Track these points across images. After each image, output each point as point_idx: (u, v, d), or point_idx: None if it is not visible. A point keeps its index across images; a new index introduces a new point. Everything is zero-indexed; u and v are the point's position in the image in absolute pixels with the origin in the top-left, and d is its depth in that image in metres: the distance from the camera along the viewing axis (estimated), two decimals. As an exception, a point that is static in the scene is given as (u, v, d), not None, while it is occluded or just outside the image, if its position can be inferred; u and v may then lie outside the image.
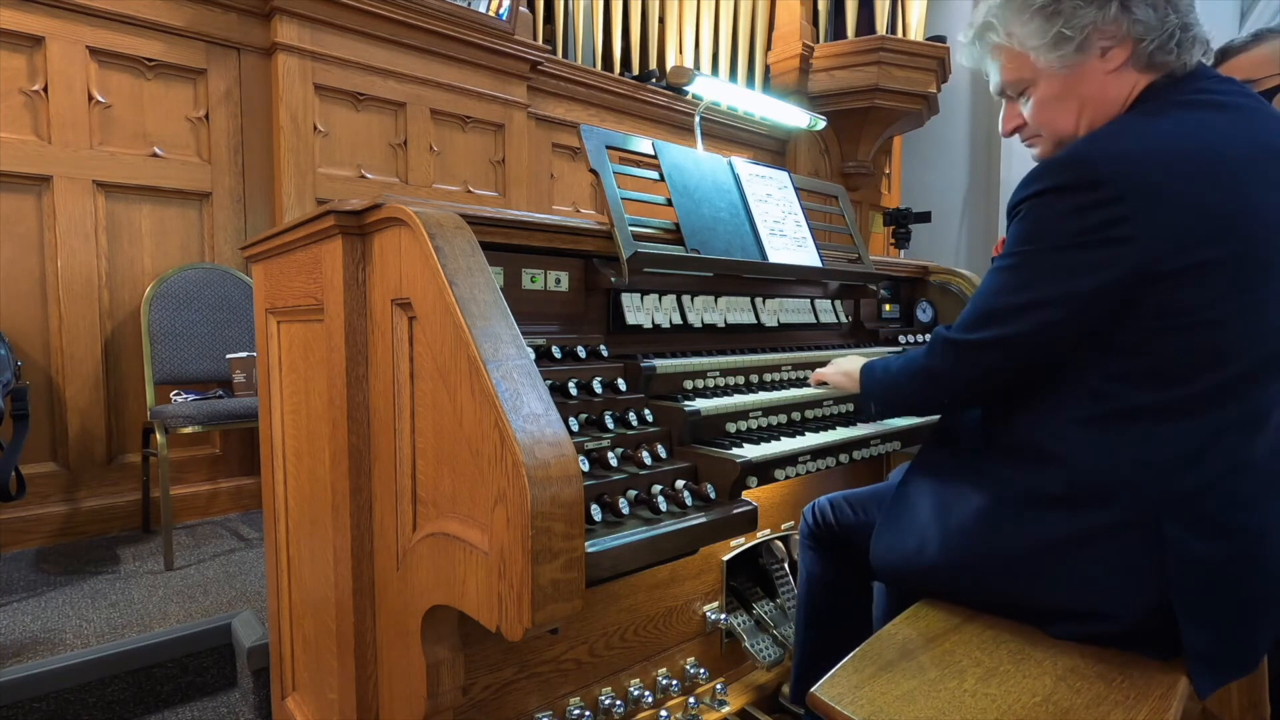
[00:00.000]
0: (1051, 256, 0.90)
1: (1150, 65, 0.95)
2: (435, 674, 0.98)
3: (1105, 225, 0.85)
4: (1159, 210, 0.84)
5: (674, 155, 1.51)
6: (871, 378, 1.23)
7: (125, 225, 2.53)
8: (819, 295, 1.83)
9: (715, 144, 4.48)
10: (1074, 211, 0.87)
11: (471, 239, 0.94)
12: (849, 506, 1.33)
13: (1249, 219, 0.86)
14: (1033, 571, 0.95)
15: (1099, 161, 0.86)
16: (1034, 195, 0.92)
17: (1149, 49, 0.93)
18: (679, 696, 1.55)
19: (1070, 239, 0.88)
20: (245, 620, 1.82)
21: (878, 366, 1.23)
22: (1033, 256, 0.92)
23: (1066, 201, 0.88)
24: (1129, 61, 0.95)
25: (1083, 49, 0.95)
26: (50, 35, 2.35)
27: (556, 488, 0.77)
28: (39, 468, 2.38)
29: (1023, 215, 0.94)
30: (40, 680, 1.59)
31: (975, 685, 0.88)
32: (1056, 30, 0.95)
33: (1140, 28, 0.92)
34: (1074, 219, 0.88)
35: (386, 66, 3.01)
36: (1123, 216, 0.84)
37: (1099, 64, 0.96)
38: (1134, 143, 0.88)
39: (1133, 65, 0.95)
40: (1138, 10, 0.92)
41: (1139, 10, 0.92)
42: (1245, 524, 0.88)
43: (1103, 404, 0.92)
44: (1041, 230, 0.91)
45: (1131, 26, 0.93)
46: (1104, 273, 0.86)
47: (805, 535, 1.40)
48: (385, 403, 1.03)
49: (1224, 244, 0.85)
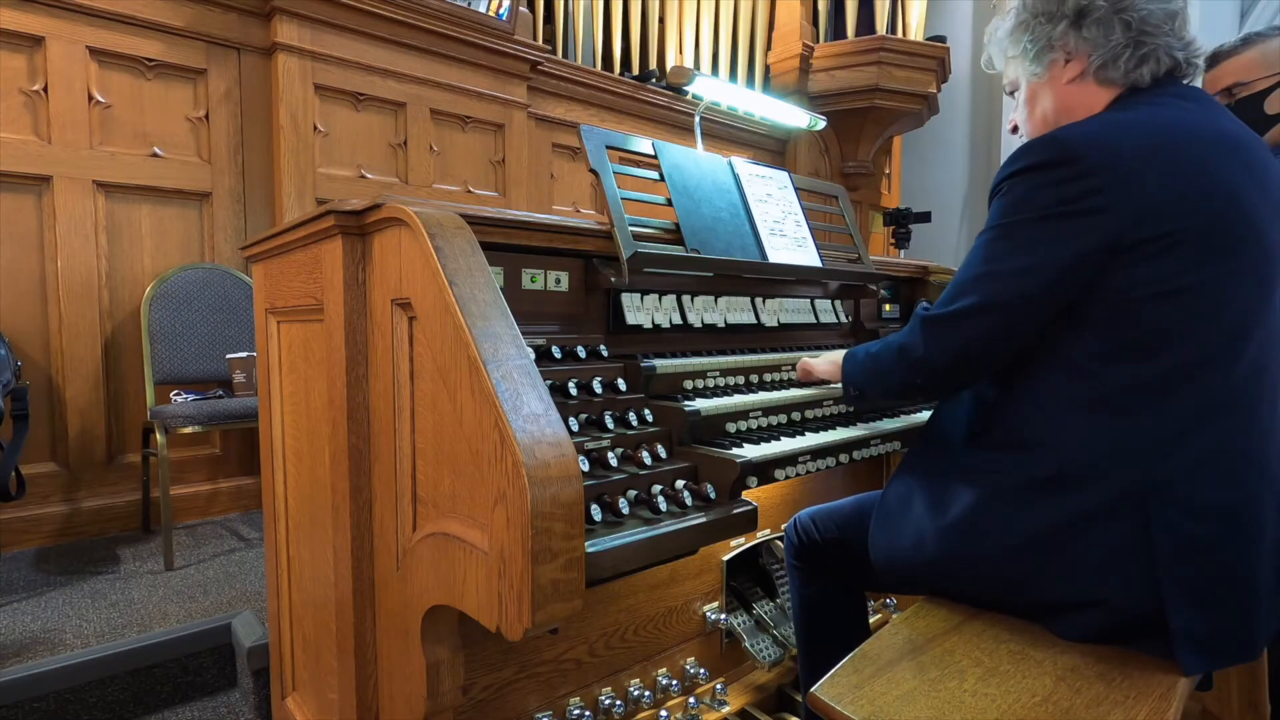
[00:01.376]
0: (1031, 227, 0.96)
1: (1106, 79, 1.04)
2: (435, 674, 0.98)
3: (1082, 196, 0.92)
4: (1130, 183, 0.90)
5: (674, 155, 1.51)
6: (853, 362, 1.24)
7: (125, 225, 2.53)
8: (819, 295, 1.83)
9: (715, 144, 4.48)
10: (1053, 184, 0.94)
11: (471, 239, 0.94)
12: (831, 521, 1.32)
13: (1215, 197, 0.92)
14: (1029, 561, 0.96)
15: (1075, 141, 0.94)
16: (1016, 173, 0.98)
17: (1097, 63, 1.04)
18: (679, 696, 1.55)
19: (1049, 209, 0.94)
20: (245, 620, 1.82)
21: (860, 351, 1.24)
22: (1012, 228, 0.98)
23: (1046, 176, 0.95)
24: (1085, 74, 1.06)
25: (1043, 60, 1.08)
26: (50, 35, 2.35)
27: (556, 488, 0.77)
28: (39, 468, 2.38)
29: (1005, 192, 1.00)
30: (40, 680, 1.59)
31: (975, 685, 0.88)
32: (1024, 42, 1.09)
33: (1087, 45, 1.04)
34: (1053, 190, 0.94)
35: (386, 66, 3.01)
36: (1097, 188, 0.91)
37: (1060, 73, 1.08)
38: (1106, 127, 0.96)
39: (1091, 78, 1.05)
40: (1086, 30, 1.04)
41: (1087, 30, 1.04)
42: (1231, 502, 0.89)
43: (1084, 385, 0.95)
44: (1021, 203, 0.97)
45: (1079, 43, 1.05)
46: (1079, 241, 0.92)
47: (790, 554, 1.39)
48: (385, 403, 1.03)
49: (1191, 218, 0.91)
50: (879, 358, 1.18)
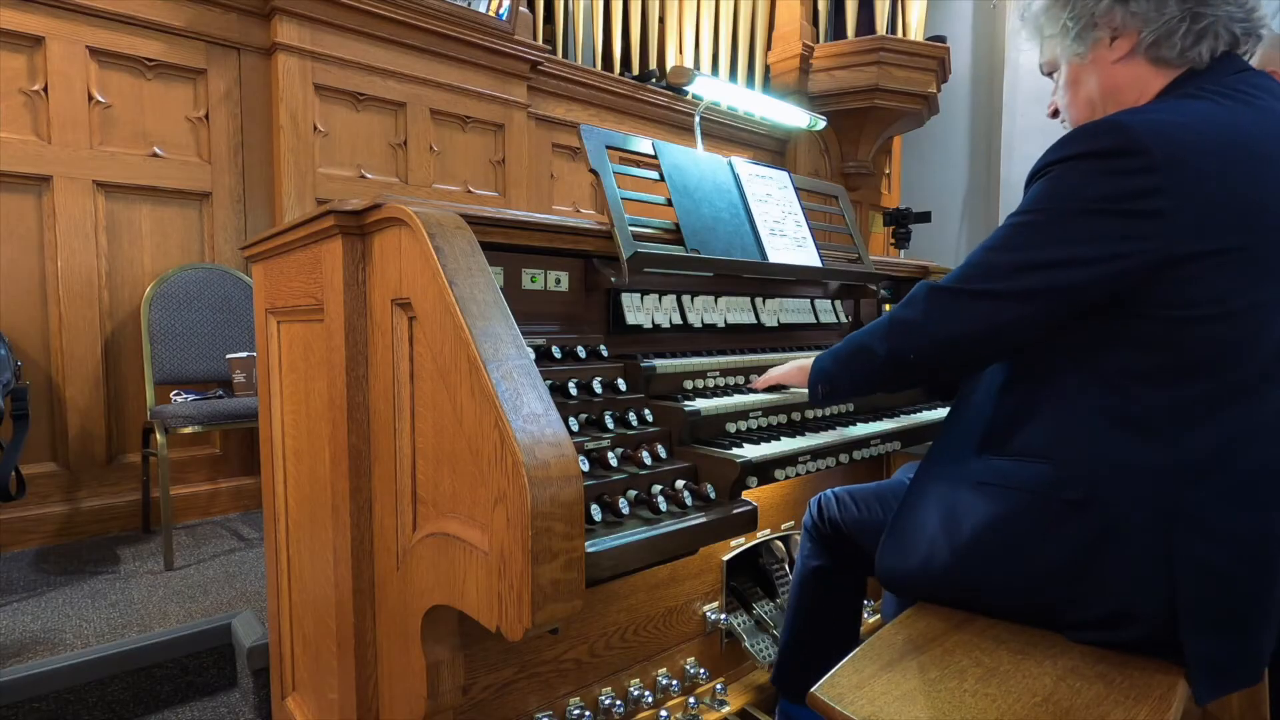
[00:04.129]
0: (1077, 219, 0.87)
1: (1159, 58, 0.94)
2: (435, 674, 0.98)
3: (1138, 195, 0.83)
4: (1189, 186, 0.82)
5: (674, 155, 1.51)
6: (825, 355, 1.17)
7: (125, 225, 2.53)
8: (819, 295, 1.83)
9: (715, 144, 4.48)
10: (1108, 175, 0.84)
11: (471, 239, 0.94)
12: (854, 503, 1.31)
13: (1268, 213, 0.85)
14: (1060, 584, 0.92)
15: (1140, 130, 0.84)
16: (1068, 158, 0.89)
17: (1149, 40, 0.94)
18: (679, 696, 1.55)
19: (1100, 203, 0.85)
20: (245, 620, 1.81)
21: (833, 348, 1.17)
22: (1055, 216, 0.89)
23: (1103, 165, 0.85)
24: (1134, 51, 0.95)
25: (1086, 38, 0.98)
26: (50, 35, 2.35)
27: (556, 488, 0.76)
28: (39, 468, 2.38)
29: (1052, 176, 0.90)
30: (40, 680, 1.59)
31: (975, 685, 0.88)
32: (1064, 19, 0.99)
33: (1136, 19, 0.94)
34: (1107, 182, 0.84)
35: (386, 66, 3.01)
36: (1156, 187, 0.82)
37: (1106, 53, 0.97)
38: (1171, 118, 0.86)
39: (1141, 56, 0.95)
40: (1134, 3, 0.93)
41: (1135, 3, 0.93)
42: (1258, 526, 0.86)
43: (1116, 402, 0.89)
44: (1070, 191, 0.88)
45: (1127, 18, 0.94)
46: (1127, 244, 0.83)
47: (809, 526, 1.39)
48: (385, 403, 1.03)
49: (1244, 233, 0.83)
50: (859, 339, 1.09)
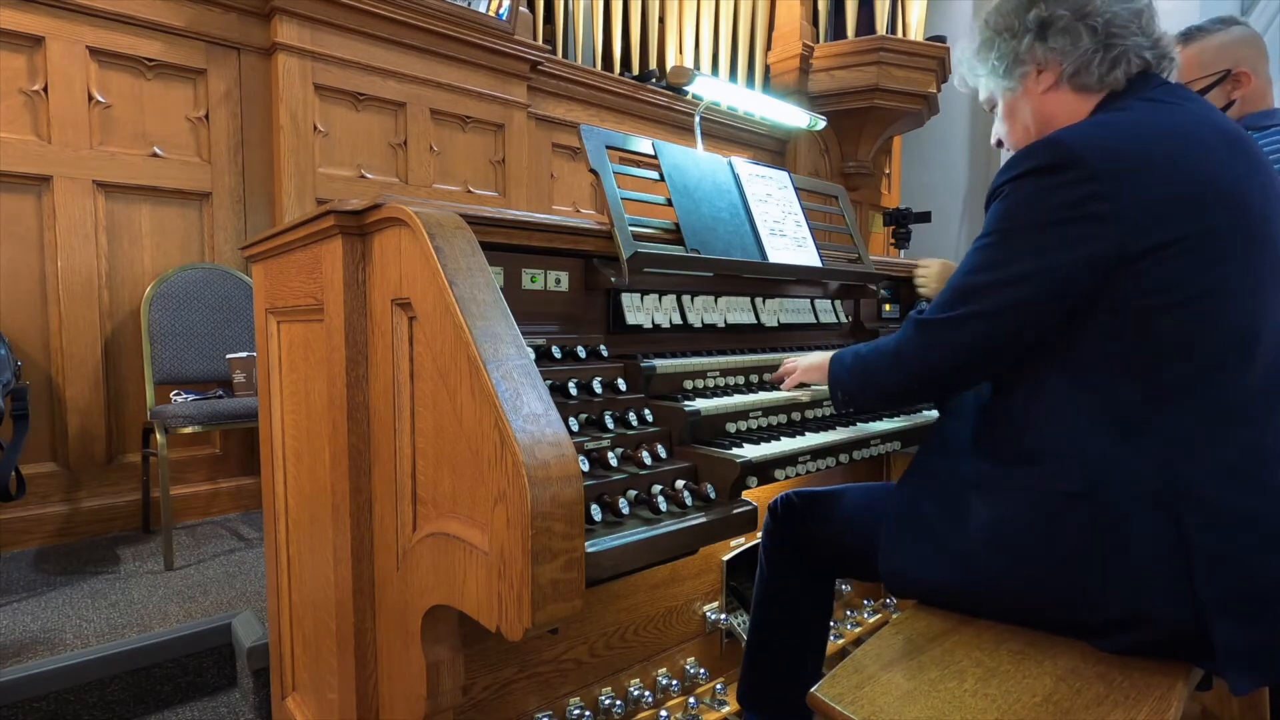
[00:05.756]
0: (1030, 233, 0.93)
1: (1081, 86, 1.04)
2: (435, 674, 0.98)
3: (1083, 201, 0.89)
4: (1132, 189, 0.89)
5: (674, 155, 1.51)
6: (840, 365, 1.19)
7: (125, 225, 2.53)
8: (819, 295, 1.83)
9: (715, 144, 4.48)
10: (1053, 189, 0.92)
11: (471, 239, 0.94)
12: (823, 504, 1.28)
13: (1220, 197, 0.90)
14: (1068, 581, 0.92)
15: (1074, 143, 0.92)
16: (1016, 177, 0.96)
17: (1070, 71, 1.04)
18: (679, 696, 1.55)
19: (1049, 215, 0.92)
20: (245, 620, 1.82)
21: (848, 354, 1.19)
22: (1011, 234, 0.96)
23: (1047, 180, 0.92)
24: (1059, 82, 1.06)
25: (1014, 74, 1.09)
26: (50, 35, 2.35)
27: (556, 488, 0.76)
28: (39, 468, 2.38)
29: (1004, 196, 0.98)
30: (40, 680, 1.59)
31: (975, 685, 0.88)
32: (992, 60, 1.11)
33: (1056, 54, 1.04)
34: (1053, 195, 0.91)
35: (386, 66, 3.01)
36: (1098, 194, 0.89)
37: (1035, 85, 1.08)
38: (1104, 130, 0.95)
39: (1065, 85, 1.06)
40: (1052, 40, 1.04)
41: (1053, 40, 1.04)
42: (1262, 510, 0.86)
43: (1097, 396, 0.93)
44: (1020, 208, 0.95)
45: (1048, 54, 1.05)
46: (1080, 248, 0.90)
47: (768, 532, 1.33)
48: (385, 403, 1.03)
49: (1197, 220, 0.89)
50: (869, 362, 1.13)
